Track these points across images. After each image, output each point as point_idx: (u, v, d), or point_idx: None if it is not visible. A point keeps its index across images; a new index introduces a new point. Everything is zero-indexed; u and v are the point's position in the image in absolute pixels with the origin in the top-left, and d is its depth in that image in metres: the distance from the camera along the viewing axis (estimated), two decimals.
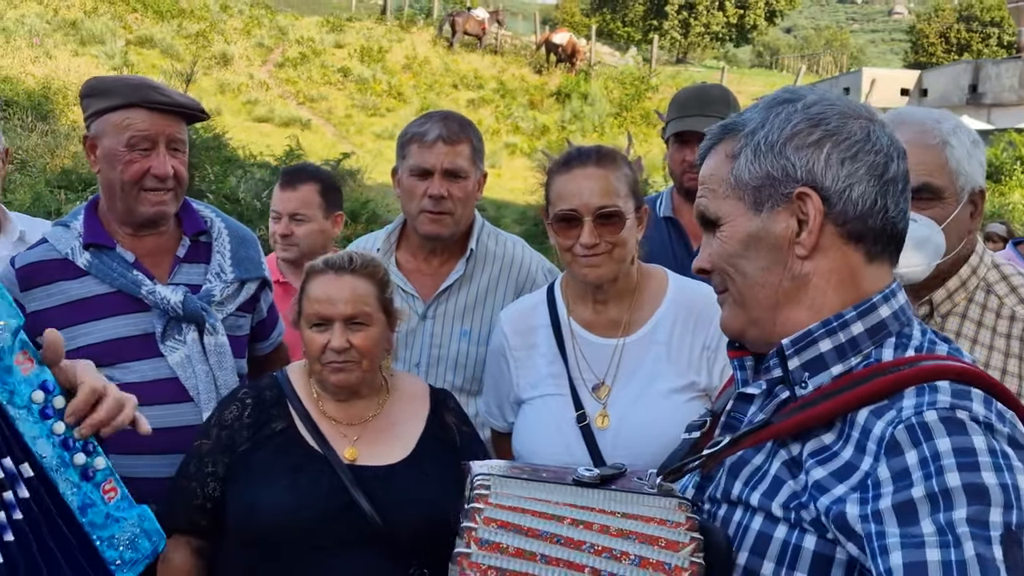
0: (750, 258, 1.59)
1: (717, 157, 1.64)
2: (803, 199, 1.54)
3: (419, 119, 3.25)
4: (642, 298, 2.78)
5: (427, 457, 2.65)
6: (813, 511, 1.43)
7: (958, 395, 1.41)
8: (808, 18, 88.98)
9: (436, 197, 3.12)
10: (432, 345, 3.21)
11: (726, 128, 1.65)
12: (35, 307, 2.84)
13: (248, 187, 11.96)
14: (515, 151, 24.22)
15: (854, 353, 1.54)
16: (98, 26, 25.73)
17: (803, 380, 1.56)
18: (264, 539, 2.50)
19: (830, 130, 1.55)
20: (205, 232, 3.05)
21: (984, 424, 1.37)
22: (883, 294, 1.57)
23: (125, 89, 2.84)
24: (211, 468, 2.60)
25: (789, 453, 1.53)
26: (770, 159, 1.56)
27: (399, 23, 33.85)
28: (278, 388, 2.70)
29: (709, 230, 1.66)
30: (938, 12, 54.43)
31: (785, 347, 1.57)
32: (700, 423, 1.77)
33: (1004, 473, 1.31)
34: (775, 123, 1.58)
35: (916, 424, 1.37)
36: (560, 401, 2.73)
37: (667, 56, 47.06)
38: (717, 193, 1.63)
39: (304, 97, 26.25)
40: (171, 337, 2.87)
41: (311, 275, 2.69)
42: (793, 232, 1.56)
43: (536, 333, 2.83)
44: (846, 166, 1.54)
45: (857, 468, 1.41)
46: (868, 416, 1.44)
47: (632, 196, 2.69)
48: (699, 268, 1.70)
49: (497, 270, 3.27)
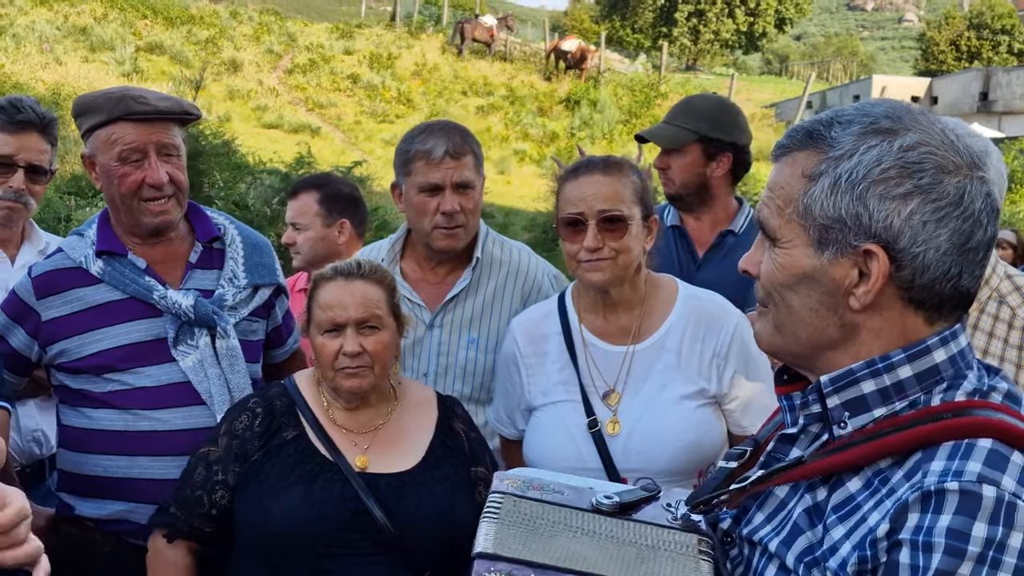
0: (800, 294, 1.48)
1: (793, 168, 1.49)
2: (869, 256, 1.41)
3: (418, 134, 3.18)
4: (652, 306, 2.80)
5: (437, 464, 2.65)
6: (823, 569, 1.39)
7: (993, 461, 1.32)
8: (818, 25, 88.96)
9: (449, 213, 3.10)
10: (440, 354, 3.20)
11: (812, 136, 1.48)
12: (51, 315, 2.86)
13: (257, 194, 11.97)
14: (524, 158, 24.23)
15: (899, 398, 1.44)
16: (108, 32, 25.84)
17: (842, 420, 1.47)
18: (277, 548, 2.50)
19: (922, 186, 1.39)
20: (218, 239, 3.06)
21: (1007, 504, 1.28)
22: (940, 336, 1.45)
23: (107, 104, 2.83)
24: (220, 476, 2.60)
25: (814, 499, 1.46)
26: (847, 200, 1.41)
27: (408, 30, 33.93)
28: (288, 396, 2.71)
29: (766, 239, 1.54)
30: (949, 19, 54.37)
31: (823, 384, 1.48)
32: (739, 452, 1.68)
33: (983, 568, 1.26)
34: (864, 159, 1.41)
35: (933, 492, 1.31)
36: (571, 408, 2.74)
37: (676, 63, 47.14)
38: (783, 212, 1.49)
39: (313, 104, 26.29)
40: (183, 342, 2.88)
41: (320, 282, 2.69)
42: (852, 282, 1.43)
43: (547, 341, 2.84)
44: (927, 229, 1.39)
45: (865, 522, 1.37)
46: (900, 479, 1.37)
47: (640, 204, 2.70)
48: (745, 270, 1.59)
49: (503, 277, 3.26)
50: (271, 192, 11.96)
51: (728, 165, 3.69)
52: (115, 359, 2.83)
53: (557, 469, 2.49)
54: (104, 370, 2.83)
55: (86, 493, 2.86)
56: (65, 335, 2.85)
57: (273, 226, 10.99)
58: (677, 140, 3.67)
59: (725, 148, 3.68)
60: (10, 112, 3.37)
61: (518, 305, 3.20)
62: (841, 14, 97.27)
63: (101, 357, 2.83)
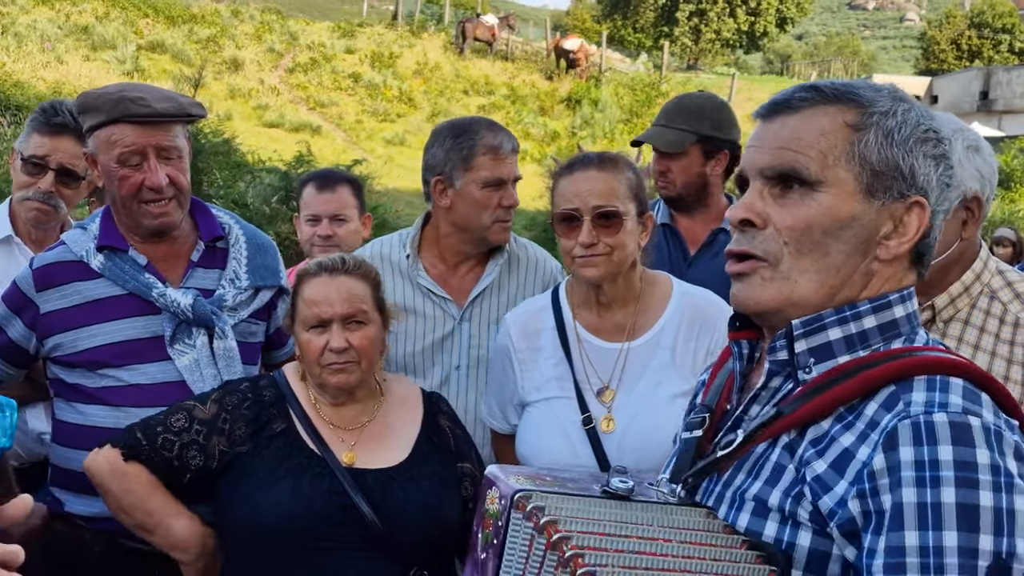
0: (840, 239, 1.49)
1: (829, 119, 1.51)
2: (912, 208, 1.49)
3: (478, 129, 3.20)
4: (647, 303, 2.80)
5: (424, 460, 2.65)
6: (809, 505, 1.40)
7: (970, 397, 1.37)
8: (819, 25, 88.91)
9: (509, 207, 3.20)
10: (471, 347, 3.24)
11: (840, 92, 1.52)
12: (50, 307, 2.86)
13: (257, 192, 11.97)
14: (525, 157, 24.21)
15: (863, 346, 1.50)
16: (109, 31, 25.89)
17: (807, 365, 1.51)
18: (266, 542, 2.50)
19: (945, 152, 1.52)
20: (222, 238, 3.04)
21: (995, 433, 1.32)
22: (900, 294, 1.53)
23: (107, 104, 2.80)
24: (201, 439, 2.57)
25: (788, 437, 1.48)
26: (901, 152, 1.48)
27: (410, 28, 33.94)
28: (276, 388, 2.70)
29: (778, 186, 1.53)
30: (949, 19, 54.31)
31: (795, 327, 1.51)
32: (699, 420, 1.69)
33: (1002, 495, 1.28)
34: (908, 118, 1.50)
35: (923, 423, 1.33)
36: (566, 404, 2.74)
37: (678, 62, 47.12)
38: (826, 156, 1.49)
39: (315, 102, 26.33)
40: (180, 340, 2.87)
41: (304, 279, 2.68)
42: (886, 232, 1.50)
43: (541, 336, 2.84)
44: (944, 192, 1.52)
45: (854, 457, 1.38)
46: (877, 409, 1.40)
47: (635, 200, 2.71)
48: (744, 218, 1.55)
49: (524, 271, 3.34)
50: (270, 191, 11.95)
51: (726, 163, 3.70)
52: (111, 355, 2.82)
53: (551, 466, 2.52)
54: (99, 365, 2.82)
55: (77, 489, 2.84)
56: (62, 328, 2.84)
57: (272, 224, 10.98)
58: (678, 143, 3.66)
59: (723, 146, 3.69)
60: (48, 114, 3.41)
61: None
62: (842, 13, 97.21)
63: (96, 352, 2.82)
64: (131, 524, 2.62)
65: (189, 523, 2.61)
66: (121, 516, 2.62)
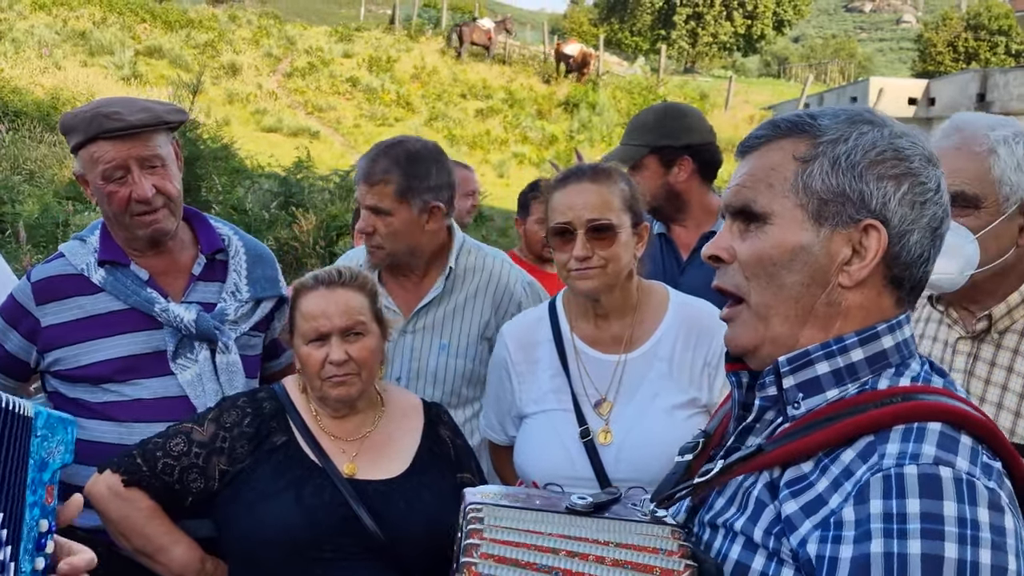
0: (793, 270, 1.52)
1: (780, 154, 1.55)
2: (868, 231, 1.49)
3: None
4: (643, 314, 2.80)
5: (425, 471, 2.67)
6: (788, 543, 1.42)
7: (945, 444, 1.37)
8: (816, 27, 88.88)
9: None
10: (412, 359, 3.27)
11: (794, 126, 1.56)
12: (50, 321, 2.86)
13: (256, 198, 11.99)
14: (523, 161, 24.29)
15: (851, 380, 1.51)
16: (107, 37, 25.90)
17: (796, 401, 1.52)
18: (268, 554, 2.51)
19: (913, 170, 1.51)
20: (222, 250, 3.05)
21: (966, 483, 1.33)
22: (888, 324, 1.52)
23: (82, 123, 2.80)
24: (200, 462, 2.57)
25: (771, 475, 1.50)
26: (848, 178, 1.49)
27: (407, 33, 33.99)
28: (277, 400, 2.71)
29: (741, 222, 1.58)
30: (946, 21, 54.31)
31: (781, 365, 1.53)
32: (693, 445, 1.73)
33: (966, 547, 1.29)
34: (860, 142, 1.51)
35: (893, 475, 1.34)
36: (563, 416, 2.74)
37: (675, 66, 47.17)
38: (774, 189, 1.53)
39: (313, 107, 26.34)
40: (183, 355, 2.87)
41: (302, 292, 2.69)
42: (844, 259, 1.50)
43: (538, 348, 2.85)
44: (915, 211, 1.50)
45: (825, 503, 1.40)
46: (854, 458, 1.41)
47: (629, 212, 2.71)
48: (713, 255, 1.61)
49: (475, 285, 3.33)
50: (269, 196, 11.98)
51: (690, 167, 3.69)
52: (113, 370, 2.82)
53: (549, 478, 2.54)
54: (101, 380, 2.82)
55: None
56: (63, 343, 2.84)
57: (272, 230, 11.01)
58: (630, 157, 3.67)
59: (680, 153, 3.68)
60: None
61: (489, 312, 3.28)
62: (839, 16, 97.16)
63: (99, 367, 2.82)
64: (131, 548, 2.63)
65: (187, 549, 2.62)
66: (120, 540, 2.63)
